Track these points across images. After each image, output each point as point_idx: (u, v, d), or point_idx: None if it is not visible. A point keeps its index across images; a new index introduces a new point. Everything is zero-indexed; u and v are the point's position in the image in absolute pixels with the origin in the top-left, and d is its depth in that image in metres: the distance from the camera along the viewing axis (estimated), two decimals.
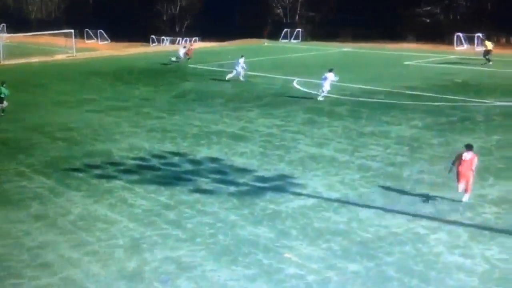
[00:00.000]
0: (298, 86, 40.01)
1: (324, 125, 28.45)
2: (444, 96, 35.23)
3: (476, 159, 18.08)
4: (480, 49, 64.52)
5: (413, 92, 36.83)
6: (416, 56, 57.17)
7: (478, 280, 13.15)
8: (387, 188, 19.01)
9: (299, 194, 18.76)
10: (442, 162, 21.27)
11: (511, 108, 31.13)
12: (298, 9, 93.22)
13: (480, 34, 67.90)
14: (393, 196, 18.26)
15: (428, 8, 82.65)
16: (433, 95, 35.80)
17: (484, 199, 17.66)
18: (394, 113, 30.71)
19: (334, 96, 35.47)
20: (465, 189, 17.90)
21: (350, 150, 23.77)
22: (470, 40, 67.93)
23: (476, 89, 37.54)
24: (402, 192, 18.60)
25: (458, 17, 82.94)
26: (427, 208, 17.05)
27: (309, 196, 18.59)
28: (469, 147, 18.26)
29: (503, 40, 72.67)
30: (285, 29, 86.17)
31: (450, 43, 70.19)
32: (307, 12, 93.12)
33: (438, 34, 78.59)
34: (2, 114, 32.70)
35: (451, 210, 16.78)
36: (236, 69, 43.06)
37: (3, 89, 33.34)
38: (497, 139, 24.64)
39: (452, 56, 50.93)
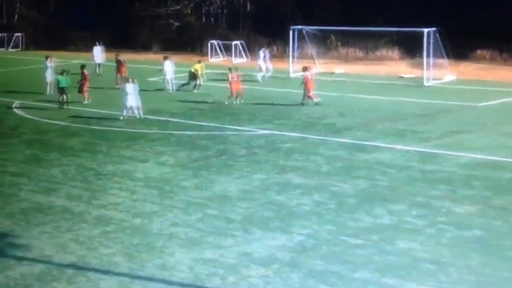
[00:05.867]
0: (19, 112, 38.92)
1: (53, 164, 27.81)
2: (197, 122, 35.99)
3: (310, 74, 41.38)
4: (240, 60, 66.79)
5: (160, 118, 37.19)
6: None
7: None
8: (134, 247, 18.73)
9: (22, 259, 17.95)
10: (198, 211, 21.49)
11: (273, 138, 32.32)
12: (18, 7, 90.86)
13: (238, 42, 70.13)
14: (141, 258, 18.01)
15: (177, 7, 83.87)
16: (184, 121, 36.45)
17: (249, 258, 17.84)
18: (139, 146, 30.77)
19: (63, 123, 34.91)
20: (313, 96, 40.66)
21: (86, 197, 23.30)
22: (228, 49, 69.91)
23: (233, 114, 38.78)
24: (152, 251, 18.42)
25: (212, 19, 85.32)
26: (183, 273, 17.04)
27: (35, 261, 17.83)
28: (305, 69, 41.82)
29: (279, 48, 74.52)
30: (2, 34, 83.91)
31: (205, 52, 71.81)
32: (29, 11, 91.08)
33: (190, 41, 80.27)
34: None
35: (210, 274, 16.85)
36: None
37: (62, 78, 39.88)
38: (261, 179, 25.18)
39: (208, 71, 51.88)
